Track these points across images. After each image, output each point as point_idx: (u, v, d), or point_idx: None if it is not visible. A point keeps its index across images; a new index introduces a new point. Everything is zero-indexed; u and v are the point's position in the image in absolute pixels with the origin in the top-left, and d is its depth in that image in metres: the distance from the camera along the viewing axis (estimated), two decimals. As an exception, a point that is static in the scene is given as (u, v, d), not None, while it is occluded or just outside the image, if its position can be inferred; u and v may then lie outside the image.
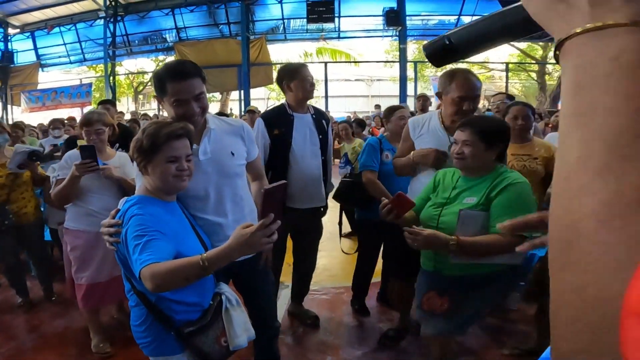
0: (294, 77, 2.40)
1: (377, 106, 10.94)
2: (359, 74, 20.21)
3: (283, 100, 2.52)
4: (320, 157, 2.48)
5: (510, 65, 13.11)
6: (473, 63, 16.78)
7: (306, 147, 2.41)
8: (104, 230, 1.31)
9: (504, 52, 16.75)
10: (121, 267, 1.32)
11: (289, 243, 2.59)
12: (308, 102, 2.49)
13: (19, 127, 4.98)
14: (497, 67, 16.71)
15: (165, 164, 1.30)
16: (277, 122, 2.38)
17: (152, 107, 18.32)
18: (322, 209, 2.55)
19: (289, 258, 2.61)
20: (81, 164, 2.25)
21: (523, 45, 14.26)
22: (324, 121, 2.55)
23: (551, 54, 0.32)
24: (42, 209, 3.17)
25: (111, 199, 2.37)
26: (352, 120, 6.45)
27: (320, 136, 2.47)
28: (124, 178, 2.38)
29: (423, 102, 5.83)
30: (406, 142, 2.20)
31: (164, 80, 1.49)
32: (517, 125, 2.39)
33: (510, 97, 3.73)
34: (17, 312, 3.01)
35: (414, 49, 15.51)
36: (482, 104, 15.44)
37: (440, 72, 17.41)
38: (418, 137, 2.13)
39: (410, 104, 9.33)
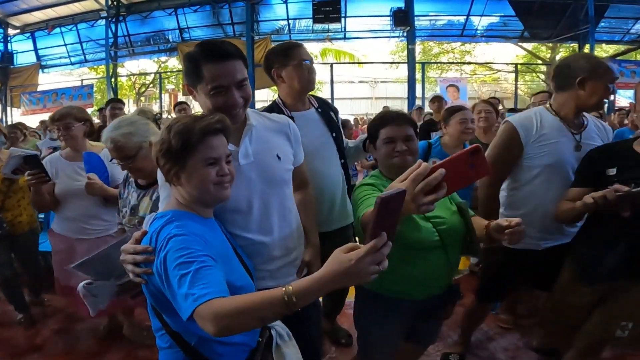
0: (285, 62, 1.89)
1: (385, 108, 10.68)
2: (362, 76, 19.97)
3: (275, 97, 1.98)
4: (338, 161, 2.02)
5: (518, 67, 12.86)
6: (479, 64, 16.63)
7: (319, 153, 1.89)
8: (128, 259, 1.01)
9: (511, 53, 16.58)
10: (149, 299, 1.05)
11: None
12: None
13: (17, 128, 4.75)
14: (503, 68, 16.52)
15: (203, 168, 1.03)
16: None
17: (154, 110, 18.07)
18: (352, 225, 2.04)
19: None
20: (29, 177, 2.06)
21: (529, 45, 14.07)
22: (332, 113, 2.06)
23: (560, 55, 0.23)
24: (38, 218, 2.95)
25: (91, 205, 2.26)
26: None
27: (334, 134, 2.00)
28: (106, 192, 2.13)
29: (438, 104, 5.58)
30: (508, 150, 1.80)
31: (198, 62, 1.20)
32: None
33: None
34: (18, 328, 2.79)
35: (419, 50, 15.31)
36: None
37: (445, 73, 17.17)
38: (536, 139, 1.74)
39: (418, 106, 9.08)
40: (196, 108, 7.24)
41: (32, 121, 9.98)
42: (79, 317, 2.78)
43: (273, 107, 1.93)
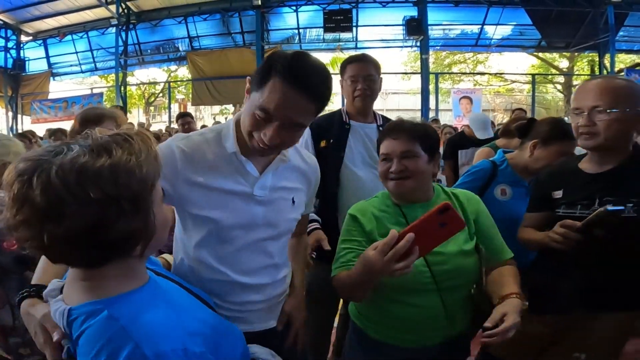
0: (342, 73, 1.91)
1: (399, 119, 10.42)
2: (373, 87, 19.83)
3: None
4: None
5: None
6: (495, 75, 16.36)
7: (362, 166, 1.82)
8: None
9: (525, 63, 16.30)
10: None
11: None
12: (377, 110, 1.96)
13: (25, 137, 4.59)
14: (516, 78, 16.23)
15: None
16: (328, 131, 1.83)
17: (162, 120, 18.05)
18: None
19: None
20: None
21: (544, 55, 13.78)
22: None
23: (578, 66, 0.23)
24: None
25: None
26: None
27: None
28: None
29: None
30: None
31: (270, 70, 0.94)
32: None
33: None
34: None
35: (431, 60, 15.11)
36: (502, 117, 14.93)
37: (458, 84, 16.97)
38: None
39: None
40: (205, 120, 6.95)
41: (43, 130, 9.92)
42: None
43: (337, 114, 1.93)
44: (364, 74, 1.85)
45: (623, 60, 12.80)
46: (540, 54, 13.40)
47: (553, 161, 1.59)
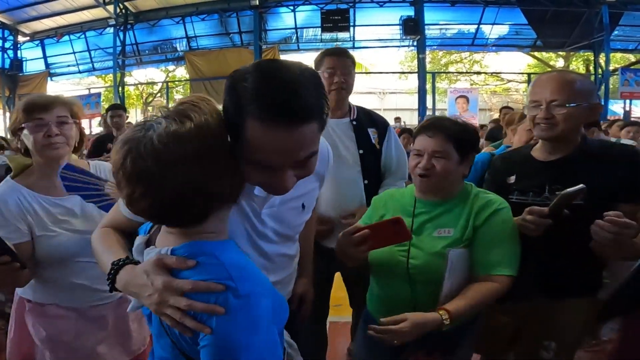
0: (318, 65, 1.85)
1: (397, 119, 10.51)
2: (370, 86, 19.84)
3: None
4: (360, 181, 1.82)
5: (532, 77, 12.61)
6: (491, 74, 16.42)
7: (338, 167, 1.66)
8: (175, 302, 0.68)
9: (521, 63, 16.36)
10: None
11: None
12: (353, 102, 1.91)
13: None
14: (512, 77, 16.30)
15: None
16: None
17: (161, 119, 18.00)
18: None
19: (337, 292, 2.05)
20: None
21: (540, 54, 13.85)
22: (370, 130, 1.88)
23: (574, 65, 0.23)
24: None
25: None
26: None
27: (361, 151, 1.82)
28: None
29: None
30: None
31: (242, 112, 0.70)
32: None
33: None
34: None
35: (428, 59, 15.15)
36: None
37: (454, 83, 17.02)
38: None
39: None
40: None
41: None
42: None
43: None
44: (342, 68, 1.81)
45: (618, 60, 12.89)
46: (536, 54, 13.47)
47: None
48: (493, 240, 1.20)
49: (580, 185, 1.12)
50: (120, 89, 12.00)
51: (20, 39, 12.61)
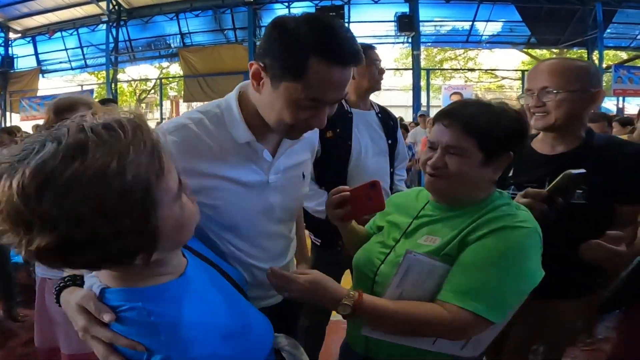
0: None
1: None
2: (365, 83, 19.84)
3: None
4: (388, 167, 1.96)
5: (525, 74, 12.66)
6: (486, 71, 16.47)
7: (370, 154, 1.86)
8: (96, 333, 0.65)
9: (515, 60, 16.42)
10: None
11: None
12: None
13: (5, 132, 4.53)
14: (506, 74, 16.35)
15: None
16: (332, 121, 1.78)
17: (154, 117, 17.92)
18: None
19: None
20: None
21: (534, 51, 13.90)
22: (392, 122, 2.03)
23: None
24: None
25: None
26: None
27: (389, 140, 1.96)
28: None
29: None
30: None
31: (307, 53, 0.80)
32: None
33: None
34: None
35: (423, 56, 15.17)
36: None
37: (449, 80, 17.02)
38: None
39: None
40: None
41: (30, 124, 9.81)
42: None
43: None
44: (379, 63, 1.93)
45: (611, 57, 12.96)
46: (530, 51, 13.52)
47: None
48: (467, 265, 0.90)
49: (583, 171, 1.05)
50: (113, 85, 11.88)
51: (12, 35, 12.45)
